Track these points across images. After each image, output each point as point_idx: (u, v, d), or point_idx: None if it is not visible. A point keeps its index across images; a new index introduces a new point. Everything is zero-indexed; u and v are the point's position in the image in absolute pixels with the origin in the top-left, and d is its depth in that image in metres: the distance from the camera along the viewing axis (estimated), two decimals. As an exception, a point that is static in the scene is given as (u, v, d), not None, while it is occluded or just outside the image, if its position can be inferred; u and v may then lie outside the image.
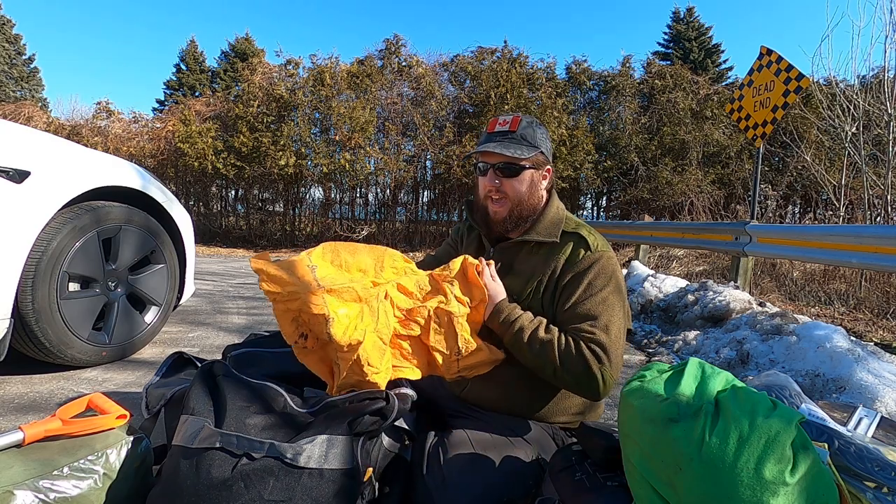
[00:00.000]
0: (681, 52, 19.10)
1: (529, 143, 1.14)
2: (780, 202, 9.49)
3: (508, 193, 1.14)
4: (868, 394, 1.74)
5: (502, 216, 1.16)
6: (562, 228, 1.16)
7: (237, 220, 12.00)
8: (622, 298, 1.09)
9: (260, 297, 3.90)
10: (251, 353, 1.33)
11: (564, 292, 1.09)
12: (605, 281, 1.08)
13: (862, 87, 6.03)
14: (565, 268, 1.11)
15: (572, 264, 1.10)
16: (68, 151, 1.83)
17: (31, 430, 0.87)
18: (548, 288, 1.12)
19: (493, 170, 1.14)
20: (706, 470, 0.65)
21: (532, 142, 1.14)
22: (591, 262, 1.09)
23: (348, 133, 9.68)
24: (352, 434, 0.91)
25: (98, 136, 10.49)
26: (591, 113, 11.88)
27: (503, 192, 1.15)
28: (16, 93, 20.88)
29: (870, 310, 3.92)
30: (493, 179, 1.14)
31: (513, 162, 1.13)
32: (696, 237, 5.06)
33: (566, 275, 1.10)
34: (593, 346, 1.00)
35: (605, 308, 1.05)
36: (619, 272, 1.12)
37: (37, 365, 1.88)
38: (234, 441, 0.87)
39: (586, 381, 1.00)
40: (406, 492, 1.01)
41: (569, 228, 1.16)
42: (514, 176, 1.14)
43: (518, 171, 1.14)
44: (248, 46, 19.94)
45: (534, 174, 1.16)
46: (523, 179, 1.14)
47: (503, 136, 1.14)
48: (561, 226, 1.16)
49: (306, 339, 0.98)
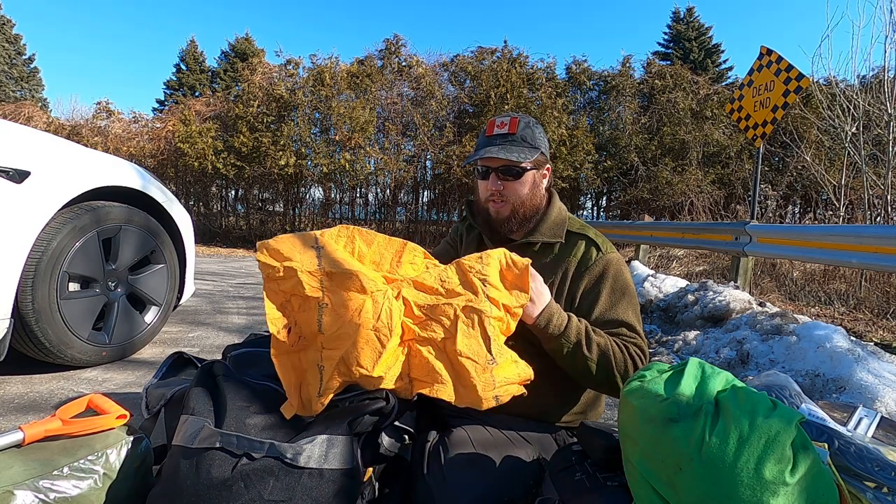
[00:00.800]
0: (681, 52, 19.11)
1: (530, 143, 1.13)
2: (780, 202, 9.49)
3: (511, 196, 1.13)
4: (868, 394, 1.74)
5: (505, 216, 1.15)
6: (566, 228, 1.16)
7: (237, 220, 12.01)
8: (636, 298, 1.13)
9: (260, 297, 3.90)
10: (251, 353, 1.33)
11: (588, 297, 1.10)
12: (623, 283, 1.11)
13: (862, 87, 6.03)
14: (579, 270, 1.11)
15: (586, 267, 1.11)
16: (68, 151, 1.83)
17: (31, 430, 0.87)
18: (560, 291, 1.12)
19: (494, 173, 1.13)
20: (706, 470, 0.65)
21: (532, 142, 1.14)
22: (605, 265, 1.11)
23: (348, 133, 9.69)
24: (352, 434, 0.91)
25: (98, 136, 10.50)
26: (591, 113, 11.90)
27: (506, 195, 1.13)
28: (16, 93, 20.88)
29: (870, 310, 3.92)
30: (496, 183, 1.13)
31: (515, 165, 1.12)
32: (696, 237, 5.06)
33: (582, 278, 1.11)
34: (635, 349, 1.04)
35: (632, 311, 1.09)
36: (629, 272, 1.15)
37: (37, 365, 1.88)
38: (235, 441, 0.87)
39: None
40: (406, 492, 1.01)
41: (574, 229, 1.16)
42: (517, 178, 1.13)
43: (520, 174, 1.13)
44: (248, 46, 19.94)
45: (535, 175, 1.16)
46: (525, 181, 1.14)
47: (503, 139, 1.13)
48: (565, 226, 1.16)
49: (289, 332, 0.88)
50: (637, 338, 1.06)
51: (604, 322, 1.08)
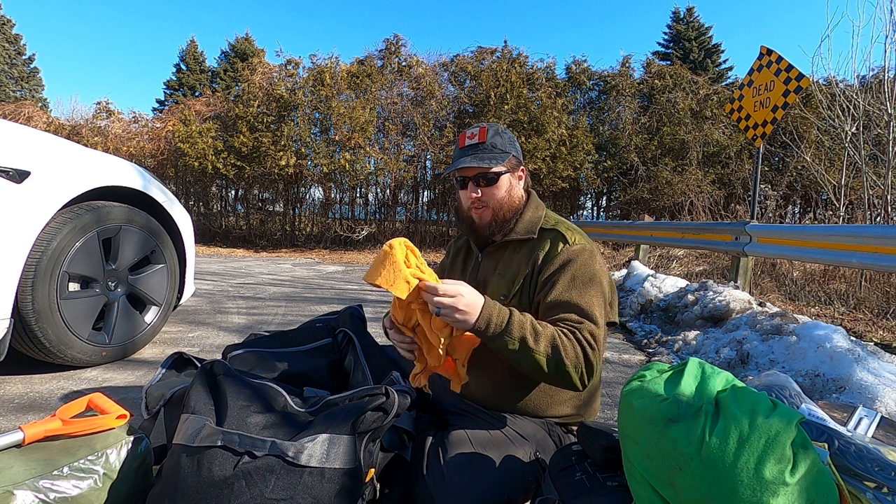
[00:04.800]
0: (681, 52, 19.11)
1: (500, 149, 1.19)
2: (780, 202, 9.49)
3: (490, 201, 1.19)
4: (868, 394, 1.74)
5: (487, 220, 1.20)
6: (539, 225, 1.20)
7: (237, 220, 11.99)
8: (603, 289, 1.11)
9: (260, 297, 3.90)
10: (251, 353, 1.34)
11: (546, 285, 1.11)
12: (588, 272, 1.10)
13: (862, 87, 6.03)
14: (544, 262, 1.14)
15: (550, 258, 1.13)
16: (68, 151, 1.83)
17: (31, 430, 0.87)
18: (527, 282, 1.15)
19: (472, 182, 1.19)
20: (706, 470, 0.65)
21: (502, 148, 1.19)
22: (569, 256, 1.12)
23: (348, 133, 9.68)
24: (355, 434, 0.91)
25: (98, 136, 10.49)
26: (590, 113, 11.89)
27: (485, 201, 1.19)
28: (16, 93, 20.88)
29: (870, 310, 3.92)
30: (474, 191, 1.18)
31: (487, 171, 1.17)
32: (696, 237, 5.06)
33: (546, 268, 1.13)
34: (586, 334, 1.01)
35: (594, 299, 1.07)
36: (598, 264, 1.13)
37: (37, 365, 1.88)
38: (236, 439, 0.87)
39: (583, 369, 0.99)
40: (406, 492, 1.01)
41: (547, 225, 1.20)
42: (493, 184, 1.18)
43: (495, 179, 1.18)
44: (248, 46, 19.94)
45: (510, 178, 1.21)
46: (501, 185, 1.19)
47: (475, 149, 1.19)
48: (539, 223, 1.20)
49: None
50: (587, 323, 1.03)
51: (554, 305, 1.06)
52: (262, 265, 6.90)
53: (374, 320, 3.02)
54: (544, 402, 1.15)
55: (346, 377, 1.36)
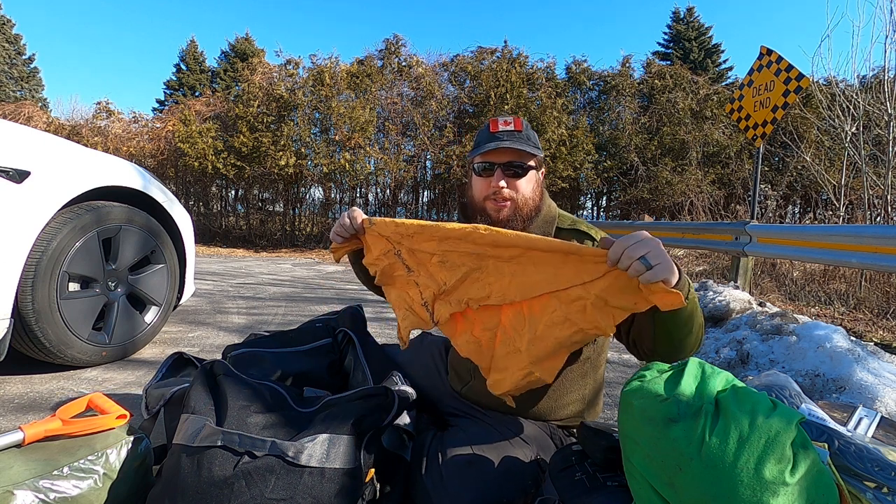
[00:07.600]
0: (681, 52, 19.12)
1: (534, 143, 1.13)
2: (780, 202, 9.49)
3: (515, 194, 1.10)
4: (868, 394, 1.74)
5: (506, 216, 1.10)
6: (556, 225, 1.15)
7: (237, 220, 11.99)
8: None
9: (260, 297, 3.90)
10: (251, 353, 1.33)
11: None
12: None
13: (862, 87, 6.03)
14: None
15: None
16: (68, 151, 1.83)
17: (31, 430, 0.87)
18: None
19: (500, 169, 1.10)
20: (706, 470, 0.65)
21: (536, 143, 1.14)
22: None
23: (348, 133, 9.68)
24: (355, 434, 0.91)
25: (98, 136, 10.49)
26: (590, 113, 11.89)
27: (509, 193, 1.10)
28: (16, 93, 20.88)
29: (870, 310, 3.92)
30: (500, 179, 1.09)
31: (523, 159, 1.10)
32: (696, 237, 5.06)
33: None
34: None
35: None
36: None
37: (37, 365, 1.88)
38: (236, 439, 0.87)
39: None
40: (406, 492, 1.01)
41: (564, 225, 1.15)
42: (522, 175, 1.11)
43: (526, 171, 1.11)
44: (248, 46, 19.93)
45: (537, 175, 1.16)
46: (530, 179, 1.12)
47: (510, 136, 1.10)
48: (555, 223, 1.15)
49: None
50: None
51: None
52: (262, 265, 6.90)
53: (374, 320, 3.02)
54: (550, 405, 1.13)
55: (346, 377, 1.36)
